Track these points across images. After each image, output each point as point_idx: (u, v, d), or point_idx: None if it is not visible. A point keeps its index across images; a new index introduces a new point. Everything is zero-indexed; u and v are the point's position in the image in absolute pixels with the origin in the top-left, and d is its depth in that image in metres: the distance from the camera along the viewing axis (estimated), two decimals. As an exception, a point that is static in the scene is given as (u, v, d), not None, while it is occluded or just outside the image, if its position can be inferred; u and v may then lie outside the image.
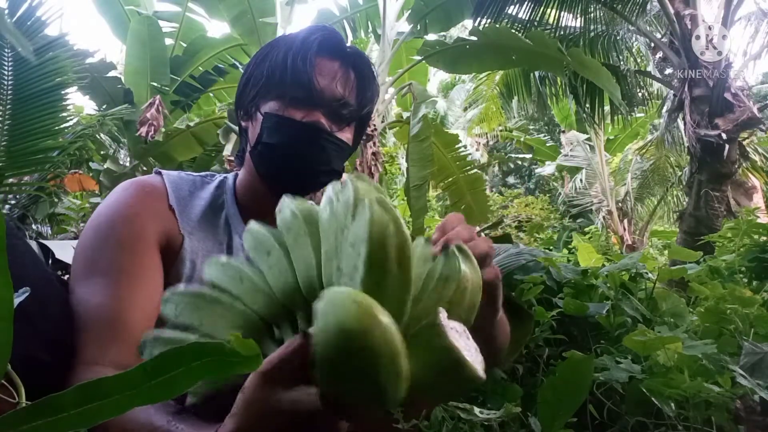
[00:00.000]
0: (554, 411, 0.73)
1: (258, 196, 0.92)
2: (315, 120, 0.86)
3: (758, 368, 0.79)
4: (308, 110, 0.86)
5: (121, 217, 0.80)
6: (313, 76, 0.85)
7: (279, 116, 0.86)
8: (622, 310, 1.05)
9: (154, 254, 0.80)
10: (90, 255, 0.77)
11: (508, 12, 5.45)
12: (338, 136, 0.89)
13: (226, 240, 0.89)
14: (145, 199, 0.83)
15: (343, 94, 0.89)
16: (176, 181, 0.89)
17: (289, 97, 0.86)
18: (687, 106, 4.69)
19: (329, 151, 0.88)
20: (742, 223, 1.49)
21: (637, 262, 1.17)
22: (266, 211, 0.89)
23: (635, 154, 9.71)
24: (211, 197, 0.91)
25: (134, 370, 0.33)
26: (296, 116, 0.86)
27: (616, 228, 9.93)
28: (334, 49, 0.90)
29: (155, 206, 0.83)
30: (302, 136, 0.86)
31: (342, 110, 0.89)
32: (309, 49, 0.86)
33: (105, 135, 4.72)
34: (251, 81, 0.91)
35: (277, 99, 0.87)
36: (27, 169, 3.40)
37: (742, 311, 0.96)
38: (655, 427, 0.82)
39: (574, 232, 7.79)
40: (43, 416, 0.33)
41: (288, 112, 0.86)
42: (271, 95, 0.87)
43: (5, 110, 3.13)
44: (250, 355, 0.33)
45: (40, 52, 3.15)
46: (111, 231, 0.78)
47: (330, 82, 0.87)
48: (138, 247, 0.78)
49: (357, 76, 0.91)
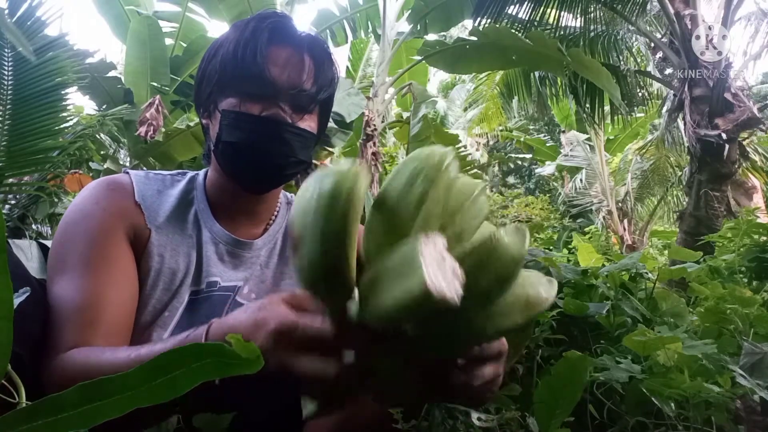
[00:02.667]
0: (551, 410, 0.73)
1: (227, 192, 0.92)
2: (274, 113, 0.84)
3: (758, 368, 0.79)
4: (265, 103, 0.84)
5: (89, 213, 0.82)
6: (265, 68, 0.83)
7: (237, 113, 0.85)
8: (622, 310, 1.05)
9: (123, 246, 0.82)
10: (61, 251, 0.80)
11: (508, 12, 5.45)
12: (300, 125, 0.87)
13: (196, 233, 0.90)
14: (111, 195, 0.85)
15: (300, 82, 0.86)
16: (143, 180, 0.90)
17: (244, 92, 0.85)
18: (687, 106, 4.69)
19: (293, 143, 0.86)
20: (742, 223, 1.49)
21: (637, 262, 1.17)
22: (236, 206, 0.93)
23: (635, 154, 9.71)
24: (180, 194, 0.92)
25: (135, 370, 0.33)
26: (254, 111, 0.84)
27: (616, 228, 9.92)
28: (285, 36, 0.87)
29: (121, 203, 0.85)
30: (262, 131, 0.85)
31: (300, 98, 0.87)
32: (259, 38, 0.84)
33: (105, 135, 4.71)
34: (206, 78, 0.90)
35: (234, 95, 0.85)
36: (27, 169, 3.40)
37: (742, 311, 0.96)
38: (655, 427, 0.82)
39: (574, 232, 7.79)
40: (43, 416, 0.33)
41: (245, 107, 0.85)
42: (227, 91, 0.86)
43: (5, 110, 3.13)
44: (250, 357, 0.33)
45: (40, 52, 3.14)
46: (80, 227, 0.81)
47: (284, 71, 0.85)
48: (107, 240, 0.80)
49: (313, 60, 0.88)
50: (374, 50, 8.08)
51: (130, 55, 6.04)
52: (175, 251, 0.87)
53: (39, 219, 3.49)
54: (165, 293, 0.84)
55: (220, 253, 0.90)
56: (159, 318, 0.83)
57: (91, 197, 0.85)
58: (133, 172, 0.92)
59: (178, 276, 0.86)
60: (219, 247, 0.90)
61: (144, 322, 0.82)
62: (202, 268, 0.88)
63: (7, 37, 2.94)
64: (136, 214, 0.85)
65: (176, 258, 0.87)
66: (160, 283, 0.84)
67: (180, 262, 0.87)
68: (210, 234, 0.91)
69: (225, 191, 0.93)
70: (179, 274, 0.86)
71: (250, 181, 0.90)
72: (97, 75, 5.56)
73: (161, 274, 0.85)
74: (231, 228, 0.92)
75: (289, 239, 0.95)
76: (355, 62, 8.24)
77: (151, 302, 0.83)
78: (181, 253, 0.87)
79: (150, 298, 0.83)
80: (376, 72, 6.12)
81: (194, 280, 0.87)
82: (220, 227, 0.91)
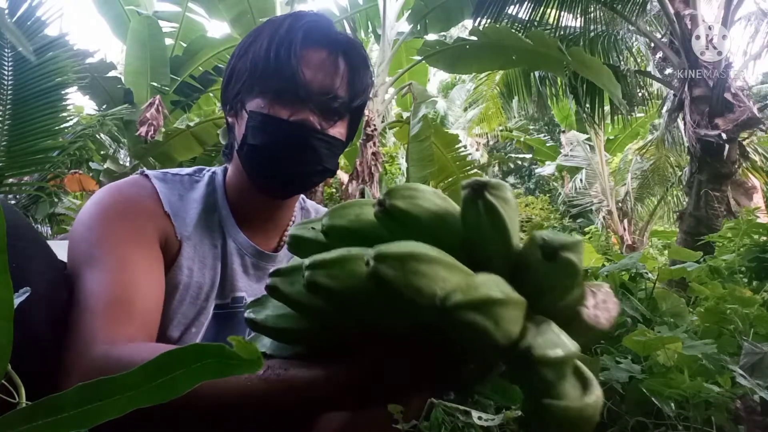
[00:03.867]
0: None
1: (248, 195, 0.88)
2: (303, 118, 0.80)
3: (758, 368, 0.79)
4: (295, 107, 0.80)
5: (122, 212, 0.78)
6: (298, 69, 0.79)
7: (264, 115, 0.80)
8: (622, 310, 1.05)
9: (155, 248, 0.79)
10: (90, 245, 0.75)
11: (508, 12, 5.46)
12: (329, 132, 0.83)
13: (221, 243, 0.87)
14: (142, 200, 0.81)
15: (333, 87, 0.82)
16: (164, 185, 0.85)
17: (273, 93, 0.80)
18: (687, 106, 4.69)
19: (320, 150, 0.82)
20: (742, 223, 1.49)
21: (637, 262, 1.17)
22: (258, 210, 0.89)
23: (635, 154, 9.71)
24: (203, 198, 0.88)
25: (135, 370, 0.33)
26: (282, 114, 0.80)
27: (616, 228, 9.93)
28: (321, 37, 0.83)
29: (152, 209, 0.82)
30: (290, 136, 0.80)
31: (332, 104, 0.82)
32: (294, 38, 0.80)
33: (105, 135, 4.72)
34: (235, 75, 0.85)
35: (262, 95, 0.81)
36: (27, 169, 3.40)
37: (742, 311, 0.96)
38: (655, 427, 0.82)
39: (574, 232, 7.79)
40: (43, 416, 0.33)
41: (274, 109, 0.80)
42: (255, 91, 0.81)
43: (5, 110, 3.13)
44: (251, 358, 0.33)
45: (40, 52, 3.15)
46: (114, 225, 0.77)
47: (317, 75, 0.81)
48: (141, 240, 0.77)
49: (348, 65, 0.84)
50: (374, 50, 8.07)
51: (130, 55, 6.04)
52: (202, 264, 0.84)
53: (39, 219, 3.49)
54: (191, 308, 0.82)
55: (245, 266, 0.88)
56: (186, 333, 0.81)
57: (120, 196, 0.81)
58: (152, 174, 0.87)
59: (204, 290, 0.83)
60: (244, 260, 0.88)
61: (171, 337, 0.80)
62: (227, 281, 0.86)
63: (7, 37, 2.94)
64: (166, 224, 0.82)
65: (203, 271, 0.84)
66: (188, 297, 0.82)
67: (206, 275, 0.84)
68: (235, 245, 0.88)
69: (246, 195, 0.89)
70: (205, 287, 0.84)
71: (274, 186, 0.86)
72: (97, 75, 5.57)
73: (189, 288, 0.82)
74: (252, 235, 0.89)
75: None
76: (355, 62, 8.22)
77: (177, 317, 0.81)
78: (207, 266, 0.84)
79: (176, 312, 0.81)
80: (376, 72, 6.12)
81: (219, 294, 0.85)
82: (245, 237, 0.88)
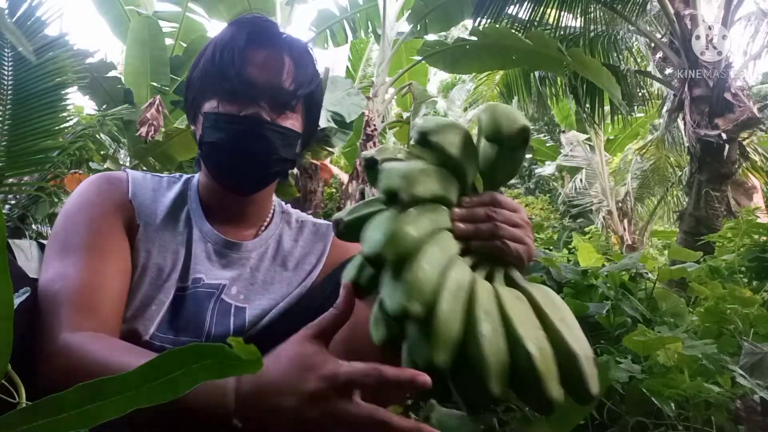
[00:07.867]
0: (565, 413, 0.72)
1: (216, 193, 0.94)
2: (253, 112, 0.86)
3: (758, 368, 0.79)
4: (245, 103, 0.86)
5: (91, 202, 0.86)
6: (242, 69, 0.85)
7: (216, 114, 0.87)
8: (622, 310, 1.05)
9: (122, 236, 0.86)
10: (62, 237, 0.83)
11: (508, 12, 5.45)
12: (281, 123, 0.88)
13: (186, 232, 0.92)
14: (110, 189, 0.89)
15: (279, 81, 0.87)
16: (139, 179, 0.94)
17: (223, 93, 0.86)
18: (687, 106, 4.69)
19: (273, 141, 0.87)
20: (742, 223, 1.49)
21: (637, 262, 1.17)
22: (225, 207, 0.95)
23: (635, 154, 9.71)
24: (176, 194, 0.95)
25: (135, 370, 0.33)
26: (233, 111, 0.86)
27: (616, 228, 9.92)
28: (263, 38, 0.89)
29: (118, 196, 0.89)
30: (242, 129, 0.86)
31: (279, 96, 0.87)
32: (237, 42, 0.87)
33: (105, 135, 4.71)
34: (190, 84, 0.93)
35: (214, 97, 0.87)
36: (27, 169, 3.40)
37: (742, 311, 0.96)
38: (655, 427, 0.82)
39: (574, 232, 7.78)
40: (43, 416, 0.33)
41: (225, 108, 0.86)
42: (207, 94, 0.88)
43: (5, 110, 3.13)
44: (251, 359, 0.33)
45: (40, 52, 3.14)
46: (81, 215, 0.85)
47: (263, 72, 0.87)
48: (108, 229, 0.84)
49: (292, 60, 0.90)
50: (374, 50, 8.08)
51: (130, 55, 6.04)
52: (163, 248, 0.89)
53: (39, 219, 3.49)
54: (151, 288, 0.86)
55: (208, 252, 0.92)
56: (146, 311, 0.85)
57: (92, 189, 0.88)
58: (132, 171, 0.95)
59: (164, 271, 0.88)
60: (208, 246, 0.92)
61: (130, 315, 0.84)
62: (190, 265, 0.90)
63: (7, 37, 2.94)
64: (129, 210, 0.89)
65: (164, 254, 0.89)
66: (147, 278, 0.86)
67: (167, 258, 0.89)
68: (200, 233, 0.92)
69: (213, 193, 0.95)
70: (166, 269, 0.88)
71: (233, 180, 0.92)
72: (97, 75, 5.56)
73: (147, 269, 0.87)
74: (222, 229, 0.94)
75: None
76: (355, 62, 8.23)
77: (138, 296, 0.85)
78: (169, 250, 0.89)
79: (136, 291, 0.85)
80: (376, 72, 6.12)
81: (181, 277, 0.89)
82: (210, 227, 0.93)
